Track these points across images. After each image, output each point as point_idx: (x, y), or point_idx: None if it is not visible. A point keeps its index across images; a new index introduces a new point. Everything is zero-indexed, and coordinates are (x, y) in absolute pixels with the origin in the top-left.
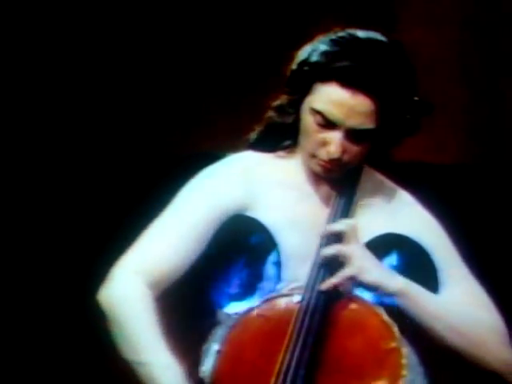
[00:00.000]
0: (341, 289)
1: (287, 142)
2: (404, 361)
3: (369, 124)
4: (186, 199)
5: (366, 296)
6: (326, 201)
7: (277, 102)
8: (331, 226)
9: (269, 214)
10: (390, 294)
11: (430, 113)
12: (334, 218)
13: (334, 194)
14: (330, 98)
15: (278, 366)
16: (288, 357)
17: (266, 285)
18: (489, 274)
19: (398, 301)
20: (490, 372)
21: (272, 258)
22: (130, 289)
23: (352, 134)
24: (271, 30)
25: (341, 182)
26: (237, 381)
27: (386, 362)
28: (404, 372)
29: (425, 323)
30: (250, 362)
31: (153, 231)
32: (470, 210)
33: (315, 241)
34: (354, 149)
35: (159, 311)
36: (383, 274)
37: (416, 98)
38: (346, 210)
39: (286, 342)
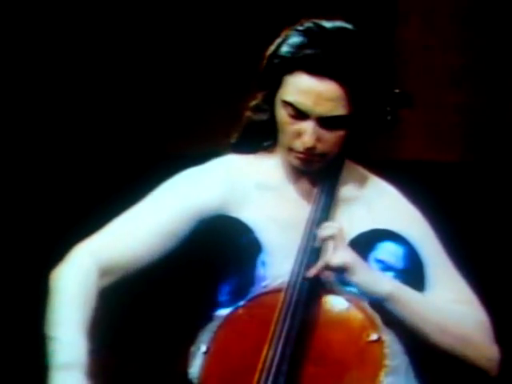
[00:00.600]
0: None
1: (267, 143)
2: (386, 350)
3: (339, 110)
4: (162, 195)
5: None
6: (308, 197)
7: (253, 101)
8: (321, 232)
9: (252, 215)
10: (378, 298)
11: (410, 105)
12: (315, 214)
13: (315, 190)
14: (297, 87)
15: (261, 363)
16: (271, 353)
17: (254, 284)
18: (488, 272)
19: (386, 304)
20: (475, 368)
21: (258, 257)
22: (76, 267)
23: (324, 122)
24: (272, 29)
25: (322, 177)
26: (224, 380)
27: (368, 353)
28: (386, 362)
29: (412, 325)
30: (236, 360)
31: (121, 220)
32: (470, 207)
33: (298, 238)
34: (329, 137)
35: (106, 298)
36: (372, 278)
37: (396, 90)
38: (327, 206)
39: (269, 338)
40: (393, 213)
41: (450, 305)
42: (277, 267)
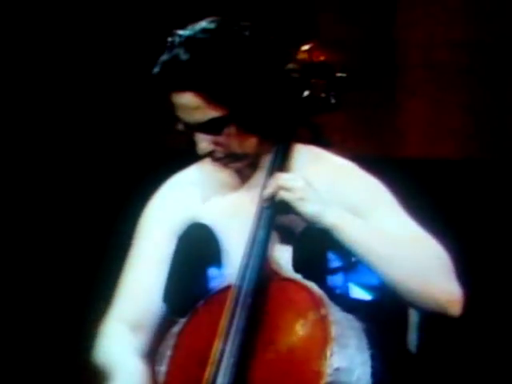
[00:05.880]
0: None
1: None
2: (333, 326)
3: (209, 114)
4: (146, 233)
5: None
6: (255, 188)
7: None
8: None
9: (212, 218)
10: (325, 227)
11: (354, 89)
12: (261, 207)
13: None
14: (173, 102)
15: (212, 356)
16: (221, 346)
17: (218, 282)
18: (487, 269)
19: (333, 234)
20: (431, 311)
21: (218, 255)
22: (111, 337)
23: (205, 128)
24: (276, 28)
25: (267, 166)
26: (186, 377)
27: (315, 329)
28: (333, 336)
29: (359, 256)
30: (196, 359)
31: (126, 277)
32: (470, 205)
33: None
34: (222, 139)
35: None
36: (321, 207)
37: (339, 74)
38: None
39: (219, 331)
40: (348, 190)
41: (403, 239)
42: (235, 262)
